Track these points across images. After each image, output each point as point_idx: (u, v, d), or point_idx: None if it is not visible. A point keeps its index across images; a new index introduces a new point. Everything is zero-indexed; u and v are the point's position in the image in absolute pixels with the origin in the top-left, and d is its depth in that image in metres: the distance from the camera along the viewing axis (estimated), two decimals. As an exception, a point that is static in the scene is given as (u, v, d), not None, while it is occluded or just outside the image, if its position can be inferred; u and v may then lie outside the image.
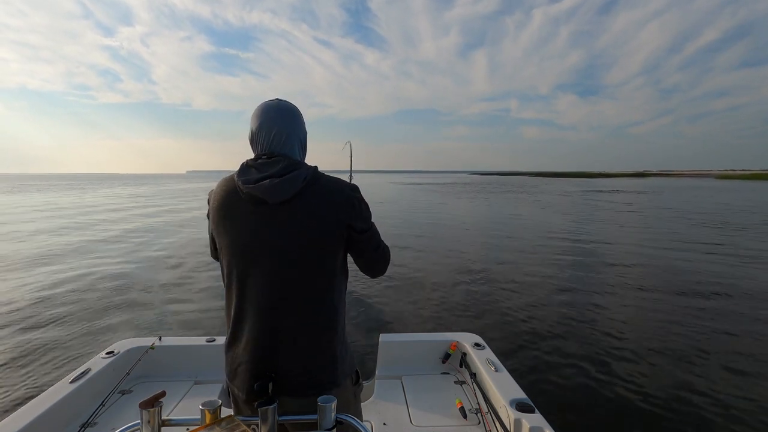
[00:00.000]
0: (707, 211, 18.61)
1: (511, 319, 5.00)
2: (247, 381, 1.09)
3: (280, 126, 1.14)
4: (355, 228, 1.14)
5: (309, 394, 1.08)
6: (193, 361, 2.41)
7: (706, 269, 7.53)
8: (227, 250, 1.12)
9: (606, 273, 7.36)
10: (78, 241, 10.68)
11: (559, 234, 11.98)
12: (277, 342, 1.09)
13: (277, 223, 1.07)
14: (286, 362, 1.09)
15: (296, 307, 1.09)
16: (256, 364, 1.09)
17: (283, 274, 1.08)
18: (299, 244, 1.07)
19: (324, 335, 1.12)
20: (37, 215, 17.51)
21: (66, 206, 22.35)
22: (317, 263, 1.09)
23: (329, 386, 1.11)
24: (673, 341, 4.32)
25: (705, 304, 5.50)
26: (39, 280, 6.75)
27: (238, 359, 1.12)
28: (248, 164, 1.13)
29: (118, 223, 14.76)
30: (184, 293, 6.08)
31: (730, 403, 3.16)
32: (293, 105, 1.20)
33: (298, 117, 1.19)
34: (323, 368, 1.11)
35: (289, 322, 1.09)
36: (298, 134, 1.18)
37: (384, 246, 1.27)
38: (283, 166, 1.08)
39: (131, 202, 26.05)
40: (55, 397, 1.82)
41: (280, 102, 1.19)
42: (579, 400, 3.22)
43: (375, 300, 5.70)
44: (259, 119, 1.15)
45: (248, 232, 1.09)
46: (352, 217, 1.12)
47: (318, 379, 1.10)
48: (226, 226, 1.12)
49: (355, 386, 1.23)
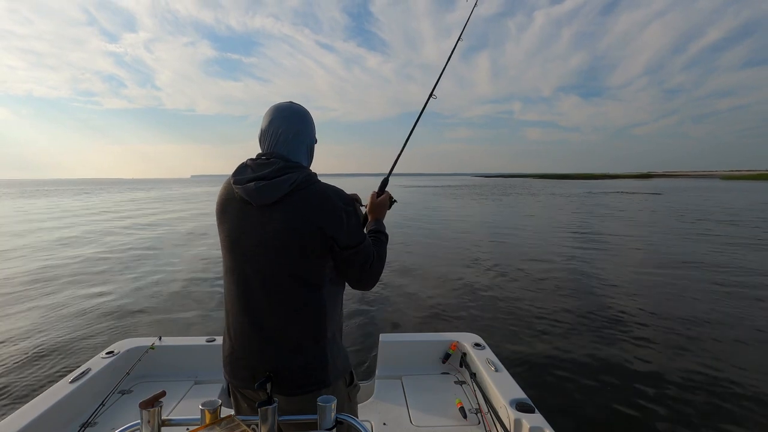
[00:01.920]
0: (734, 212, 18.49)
1: (512, 319, 4.99)
2: (238, 372, 1.16)
3: (287, 125, 1.16)
4: (338, 242, 1.11)
5: (296, 393, 1.10)
6: (193, 361, 2.42)
7: (712, 271, 7.47)
8: (223, 248, 1.18)
9: (607, 274, 7.32)
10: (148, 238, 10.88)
11: (562, 235, 11.93)
12: (266, 340, 1.12)
13: (260, 224, 1.10)
14: (274, 360, 1.11)
15: (279, 307, 1.11)
16: (243, 358, 1.15)
17: (267, 273, 1.10)
18: (281, 246, 1.08)
19: (312, 335, 1.13)
20: (82, 219, 17.75)
21: (97, 210, 22.62)
22: (300, 266, 1.10)
23: (318, 386, 1.12)
24: (674, 342, 4.29)
25: (708, 306, 5.46)
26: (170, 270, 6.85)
27: (233, 355, 1.17)
28: (246, 163, 1.16)
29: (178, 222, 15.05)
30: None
31: (731, 403, 3.14)
32: (305, 109, 1.22)
33: (308, 121, 1.21)
34: (309, 368, 1.13)
35: (273, 321, 1.11)
36: (305, 137, 1.20)
37: (377, 263, 1.21)
38: (277, 168, 1.09)
39: (163, 205, 26.36)
40: (55, 397, 1.83)
41: (293, 104, 1.21)
42: (579, 400, 3.22)
43: (375, 300, 5.71)
44: (269, 117, 1.17)
45: (240, 230, 1.12)
46: (335, 230, 1.10)
47: (305, 377, 1.12)
48: (224, 225, 1.16)
49: (348, 387, 1.24)
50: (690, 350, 4.09)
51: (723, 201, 25.87)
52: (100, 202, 30.28)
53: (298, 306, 1.11)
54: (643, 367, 3.73)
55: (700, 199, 27.41)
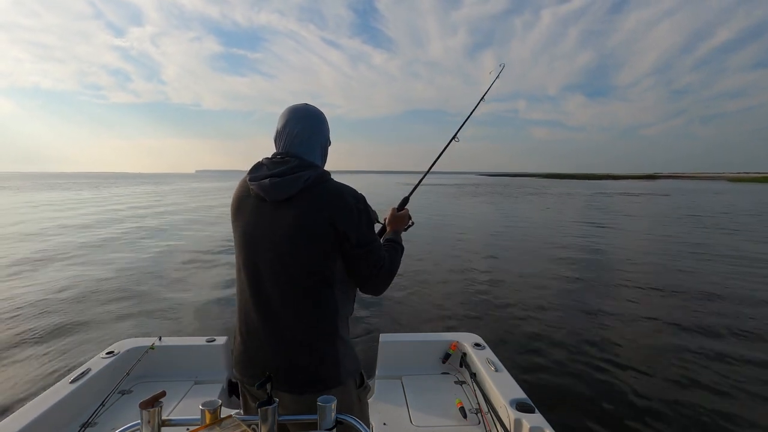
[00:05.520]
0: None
1: (512, 319, 5.00)
2: (257, 376, 1.12)
3: (303, 126, 1.18)
4: (350, 239, 1.11)
5: (308, 391, 1.10)
6: (193, 361, 2.41)
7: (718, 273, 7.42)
8: (237, 245, 1.19)
9: (608, 275, 7.31)
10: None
11: (563, 236, 11.88)
12: (278, 337, 1.12)
13: (274, 221, 1.11)
14: (286, 358, 1.12)
15: (292, 303, 1.12)
16: (260, 358, 1.14)
17: (280, 270, 1.11)
18: (293, 243, 1.10)
19: (324, 333, 1.14)
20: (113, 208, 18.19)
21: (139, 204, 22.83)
22: (311, 263, 1.11)
23: (331, 383, 1.13)
24: (675, 342, 4.29)
25: (710, 307, 5.42)
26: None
27: (244, 352, 1.18)
28: (261, 162, 1.18)
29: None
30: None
31: (733, 404, 3.14)
32: (320, 111, 1.24)
33: (323, 122, 1.24)
34: (322, 366, 1.13)
35: (288, 318, 1.12)
36: (319, 137, 1.22)
37: (387, 269, 1.20)
38: (293, 166, 1.11)
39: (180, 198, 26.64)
40: (55, 397, 1.83)
41: (308, 106, 1.23)
42: (579, 400, 3.22)
43: (375, 300, 5.67)
44: (285, 117, 1.20)
45: (254, 227, 1.14)
46: (347, 226, 1.11)
47: (317, 375, 1.12)
48: (239, 222, 1.18)
49: (359, 389, 1.24)
50: (692, 351, 4.07)
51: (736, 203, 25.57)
52: (130, 194, 30.85)
53: (311, 303, 1.13)
54: (644, 368, 3.72)
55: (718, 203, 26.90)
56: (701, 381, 3.50)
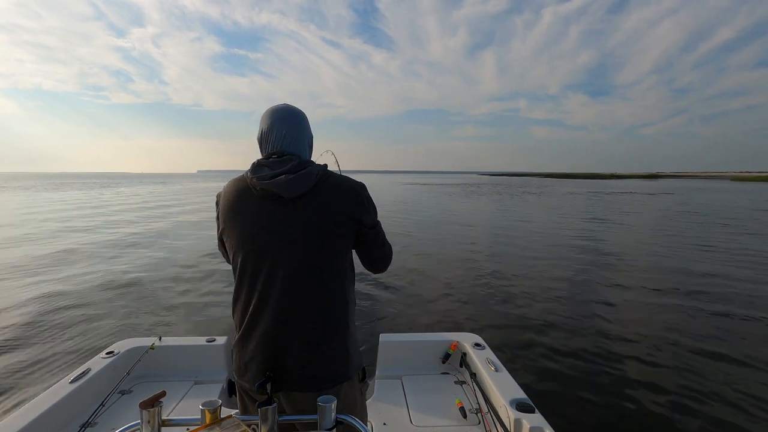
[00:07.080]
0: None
1: (512, 319, 4.98)
2: (260, 376, 1.12)
3: (290, 125, 1.21)
4: (365, 223, 1.18)
5: (324, 387, 1.12)
6: (193, 361, 2.41)
7: (720, 272, 7.40)
8: (239, 247, 1.16)
9: (609, 275, 7.27)
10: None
11: (564, 236, 11.83)
12: (291, 335, 1.12)
13: (291, 218, 1.12)
14: (299, 356, 1.12)
15: (309, 300, 1.13)
16: (269, 359, 1.12)
17: (296, 268, 1.12)
18: (312, 238, 1.11)
19: (337, 328, 1.16)
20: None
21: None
22: (329, 257, 1.14)
23: (342, 379, 1.15)
24: (676, 342, 4.27)
25: (712, 308, 5.40)
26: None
27: (249, 354, 1.15)
28: (260, 163, 1.18)
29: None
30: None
31: (734, 404, 3.13)
32: (300, 110, 1.28)
33: (305, 120, 1.28)
34: (337, 361, 1.15)
35: (302, 315, 1.12)
36: (306, 135, 1.26)
37: (388, 244, 1.32)
38: (295, 164, 1.14)
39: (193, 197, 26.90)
40: (55, 397, 1.83)
41: (289, 106, 1.26)
42: (579, 400, 3.21)
43: (375, 300, 5.70)
44: (269, 120, 1.21)
45: (262, 227, 1.13)
46: (361, 213, 1.17)
47: (332, 371, 1.14)
48: (239, 223, 1.16)
49: (361, 383, 1.26)
50: (693, 351, 4.06)
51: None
52: (148, 193, 31.25)
53: (323, 299, 1.14)
54: (645, 368, 3.71)
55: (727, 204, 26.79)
56: (703, 382, 3.48)
